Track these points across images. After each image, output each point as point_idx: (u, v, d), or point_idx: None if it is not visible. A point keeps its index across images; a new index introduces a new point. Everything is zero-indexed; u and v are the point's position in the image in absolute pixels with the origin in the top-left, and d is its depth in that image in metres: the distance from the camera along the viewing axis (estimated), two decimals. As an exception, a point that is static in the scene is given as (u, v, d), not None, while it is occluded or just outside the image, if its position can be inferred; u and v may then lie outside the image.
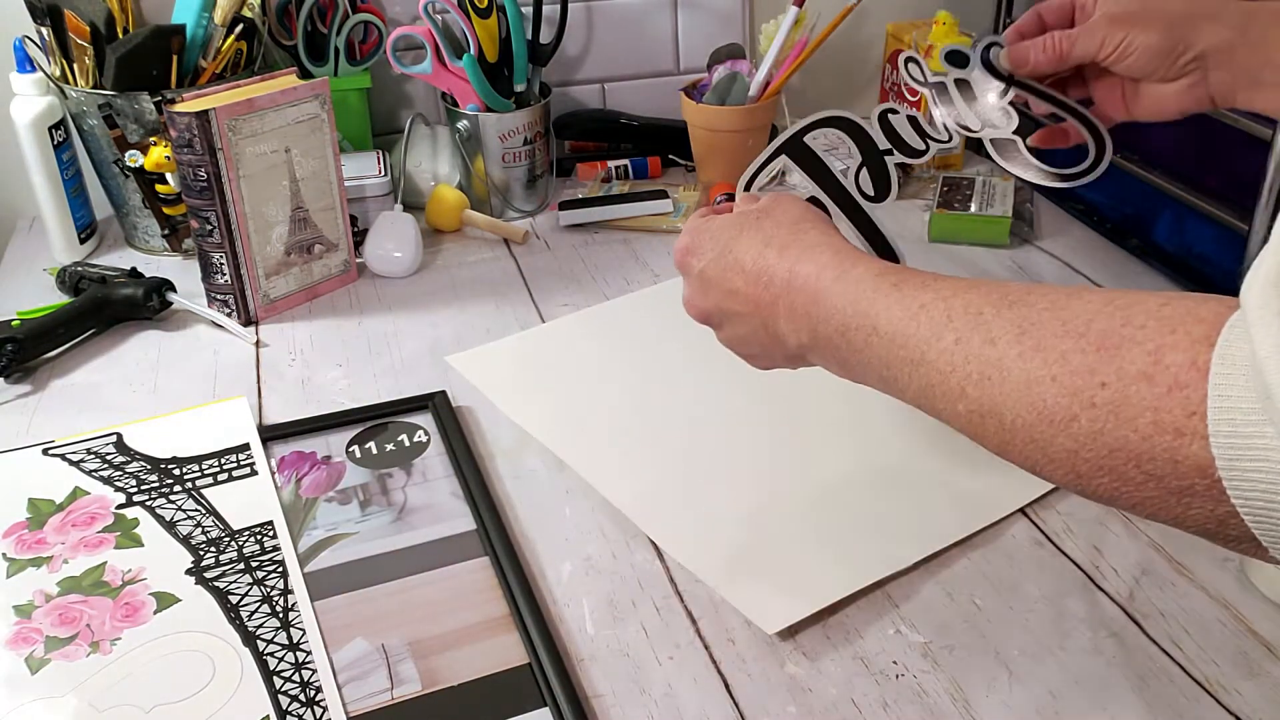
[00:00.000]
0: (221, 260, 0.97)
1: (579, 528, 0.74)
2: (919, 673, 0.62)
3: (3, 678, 0.62)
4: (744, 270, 0.60)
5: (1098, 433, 0.41)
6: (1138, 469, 0.40)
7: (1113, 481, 0.41)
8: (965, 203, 1.12)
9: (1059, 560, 0.70)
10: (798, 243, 0.58)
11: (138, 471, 0.78)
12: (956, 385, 0.47)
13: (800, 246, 0.58)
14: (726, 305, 0.61)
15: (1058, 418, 0.42)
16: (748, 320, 0.60)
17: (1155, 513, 0.41)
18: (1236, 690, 0.60)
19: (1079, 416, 0.41)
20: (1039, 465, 0.44)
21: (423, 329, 0.99)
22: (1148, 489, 0.40)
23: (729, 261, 0.61)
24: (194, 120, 0.91)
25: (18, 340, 0.91)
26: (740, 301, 0.60)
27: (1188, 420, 0.38)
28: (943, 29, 1.19)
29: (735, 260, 0.60)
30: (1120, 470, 0.40)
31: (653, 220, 1.16)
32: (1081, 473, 0.42)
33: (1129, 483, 0.40)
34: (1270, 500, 0.36)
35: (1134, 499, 0.41)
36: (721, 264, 0.61)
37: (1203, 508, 0.39)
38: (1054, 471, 0.44)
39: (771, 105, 1.21)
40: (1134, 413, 0.39)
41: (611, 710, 0.60)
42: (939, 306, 0.49)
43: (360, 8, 1.20)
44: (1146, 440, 0.39)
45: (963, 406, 0.47)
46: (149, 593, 0.68)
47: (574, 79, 1.32)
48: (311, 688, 0.61)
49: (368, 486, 0.78)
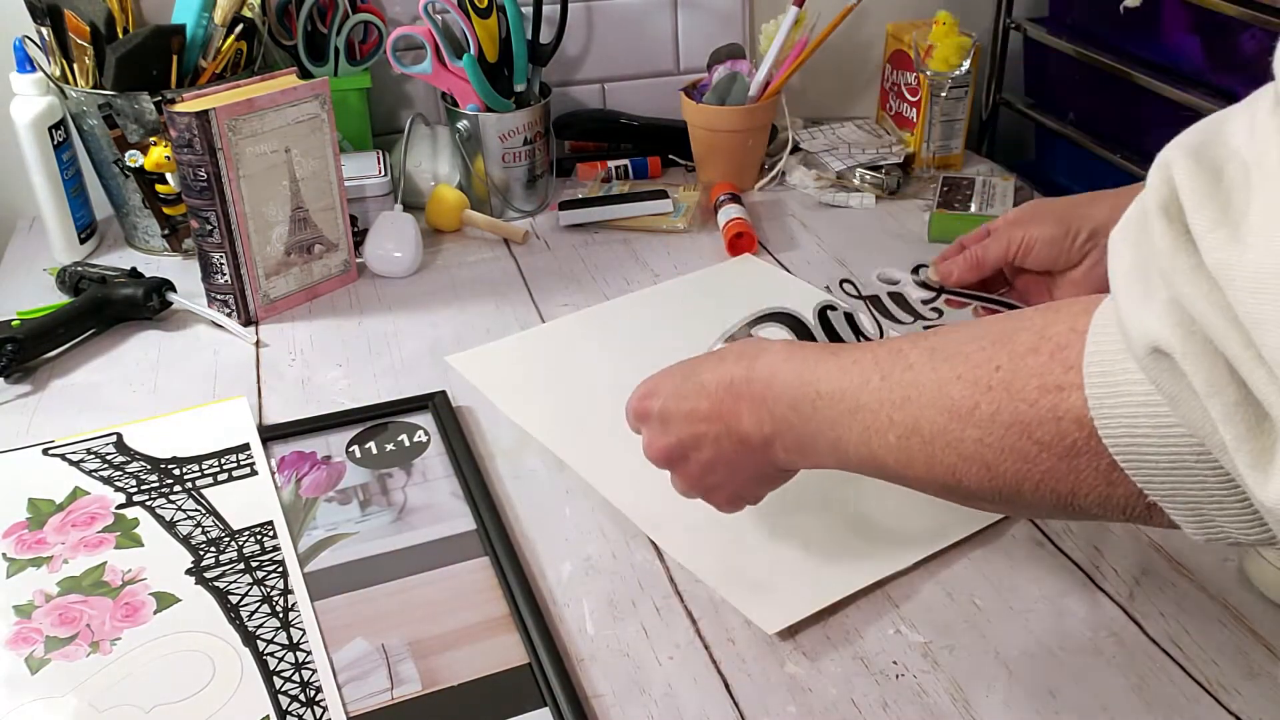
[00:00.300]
0: (221, 260, 0.97)
1: (579, 528, 0.74)
2: (919, 672, 0.62)
3: (3, 678, 0.62)
4: (706, 389, 0.60)
5: (995, 412, 0.44)
6: (1031, 440, 0.43)
7: (1015, 462, 0.44)
8: (965, 203, 1.12)
9: (1059, 560, 0.70)
10: (757, 348, 0.60)
11: (138, 471, 0.78)
12: (885, 416, 0.50)
13: (759, 349, 0.59)
14: (689, 431, 0.61)
15: (963, 409, 0.46)
16: (712, 438, 0.60)
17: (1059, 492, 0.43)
18: (1236, 690, 0.60)
19: (980, 403, 0.45)
20: (959, 471, 0.47)
21: (423, 329, 0.99)
22: (1043, 462, 0.43)
23: (690, 387, 0.61)
24: (194, 120, 0.91)
25: (18, 340, 0.91)
26: (703, 419, 0.60)
27: (1066, 375, 0.41)
28: (942, 29, 1.19)
29: (697, 384, 0.61)
30: (1018, 447, 0.44)
31: (653, 220, 1.16)
32: (990, 462, 0.45)
33: (1028, 459, 0.43)
34: (1134, 433, 0.38)
35: (1036, 478, 0.44)
36: (681, 392, 0.61)
37: (1090, 466, 0.41)
38: (970, 473, 0.46)
39: (771, 105, 1.21)
40: (1023, 383, 0.43)
41: (611, 710, 0.60)
42: (867, 357, 0.52)
43: (360, 8, 1.20)
44: (1033, 406, 0.42)
45: (893, 436, 0.50)
46: (149, 593, 0.68)
47: (574, 79, 1.32)
48: (311, 688, 0.61)
49: (368, 486, 0.78)
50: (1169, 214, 0.34)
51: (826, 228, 1.15)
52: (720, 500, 0.64)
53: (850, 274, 1.05)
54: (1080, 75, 1.25)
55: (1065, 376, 0.41)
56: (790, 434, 0.56)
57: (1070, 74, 1.27)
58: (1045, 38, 1.28)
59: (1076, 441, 0.41)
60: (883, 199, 1.21)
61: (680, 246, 1.12)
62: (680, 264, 1.09)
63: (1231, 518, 0.38)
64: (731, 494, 0.64)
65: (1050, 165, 1.38)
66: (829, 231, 1.14)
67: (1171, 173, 0.34)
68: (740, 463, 0.60)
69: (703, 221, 1.17)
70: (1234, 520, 0.38)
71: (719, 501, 0.65)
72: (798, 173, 1.24)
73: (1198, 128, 0.35)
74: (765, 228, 1.15)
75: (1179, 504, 0.39)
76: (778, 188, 1.25)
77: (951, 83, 1.20)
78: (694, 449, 0.61)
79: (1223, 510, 0.38)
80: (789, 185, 1.25)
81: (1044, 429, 0.42)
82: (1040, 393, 0.42)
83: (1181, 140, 0.35)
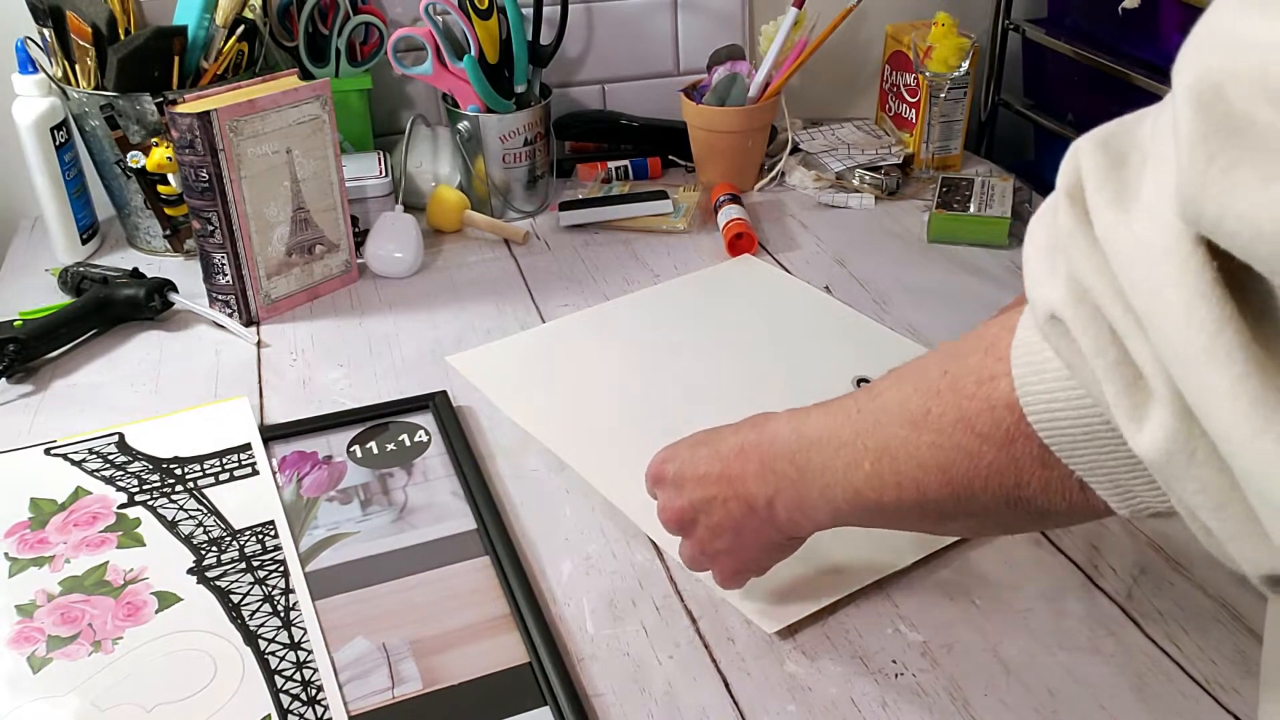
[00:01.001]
0: (223, 261, 0.97)
1: (579, 527, 0.74)
2: (918, 672, 0.62)
3: (5, 677, 0.62)
4: (719, 454, 0.61)
5: (944, 413, 0.46)
6: (974, 433, 0.45)
7: (964, 460, 0.46)
8: (964, 203, 1.13)
9: (1057, 559, 0.70)
10: (768, 415, 0.61)
11: (139, 471, 0.79)
12: (861, 446, 0.52)
13: (770, 416, 0.60)
14: (700, 494, 0.61)
15: (919, 417, 0.48)
16: (720, 501, 0.60)
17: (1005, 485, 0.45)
18: (1235, 689, 0.60)
19: (931, 408, 0.47)
20: (922, 484, 0.49)
21: (423, 329, 0.99)
22: (986, 454, 0.45)
23: (705, 453, 0.62)
24: (195, 121, 0.91)
25: (20, 340, 0.91)
26: (714, 482, 0.61)
27: (997, 365, 0.43)
28: (941, 30, 1.19)
29: (713, 450, 0.62)
30: (965, 444, 0.46)
31: (653, 221, 1.16)
32: (945, 464, 0.47)
33: (973, 455, 0.45)
34: (1053, 408, 0.40)
35: (984, 473, 0.45)
36: (696, 457, 0.62)
37: (1025, 453, 0.43)
38: (931, 483, 0.48)
39: (771, 106, 1.21)
40: (964, 381, 0.45)
41: (611, 709, 0.60)
42: (849, 399, 0.54)
43: (361, 9, 1.20)
44: (972, 399, 0.45)
45: (868, 464, 0.51)
46: (151, 592, 0.68)
47: (574, 80, 1.32)
48: (313, 687, 0.61)
49: (369, 486, 0.78)
50: (1073, 197, 0.36)
51: (826, 228, 1.15)
52: (726, 569, 0.64)
53: (851, 274, 1.06)
54: (1079, 76, 1.25)
55: (997, 367, 0.43)
56: (790, 490, 0.57)
57: (1069, 75, 1.28)
58: (1044, 39, 1.28)
59: (1010, 428, 0.43)
60: (882, 199, 1.21)
61: (680, 247, 1.12)
62: (680, 264, 1.09)
63: (1144, 484, 0.40)
64: (738, 563, 0.63)
65: (1049, 166, 1.38)
66: (828, 232, 1.15)
67: (1079, 159, 0.36)
68: (746, 526, 0.60)
69: (703, 222, 1.17)
70: (1147, 487, 0.40)
71: (724, 570, 0.64)
72: (797, 173, 1.25)
73: (1113, 122, 0.37)
74: (765, 228, 1.16)
75: (1100, 477, 0.41)
76: (777, 188, 1.25)
77: (950, 84, 1.21)
78: (704, 512, 0.61)
79: (1135, 477, 0.40)
80: (789, 186, 1.25)
81: (982, 420, 0.45)
82: (977, 385, 0.45)
83: (1094, 132, 0.37)
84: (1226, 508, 0.31)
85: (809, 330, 0.97)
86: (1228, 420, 0.28)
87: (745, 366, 0.91)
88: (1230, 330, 0.28)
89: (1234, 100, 0.27)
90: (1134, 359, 0.33)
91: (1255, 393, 0.27)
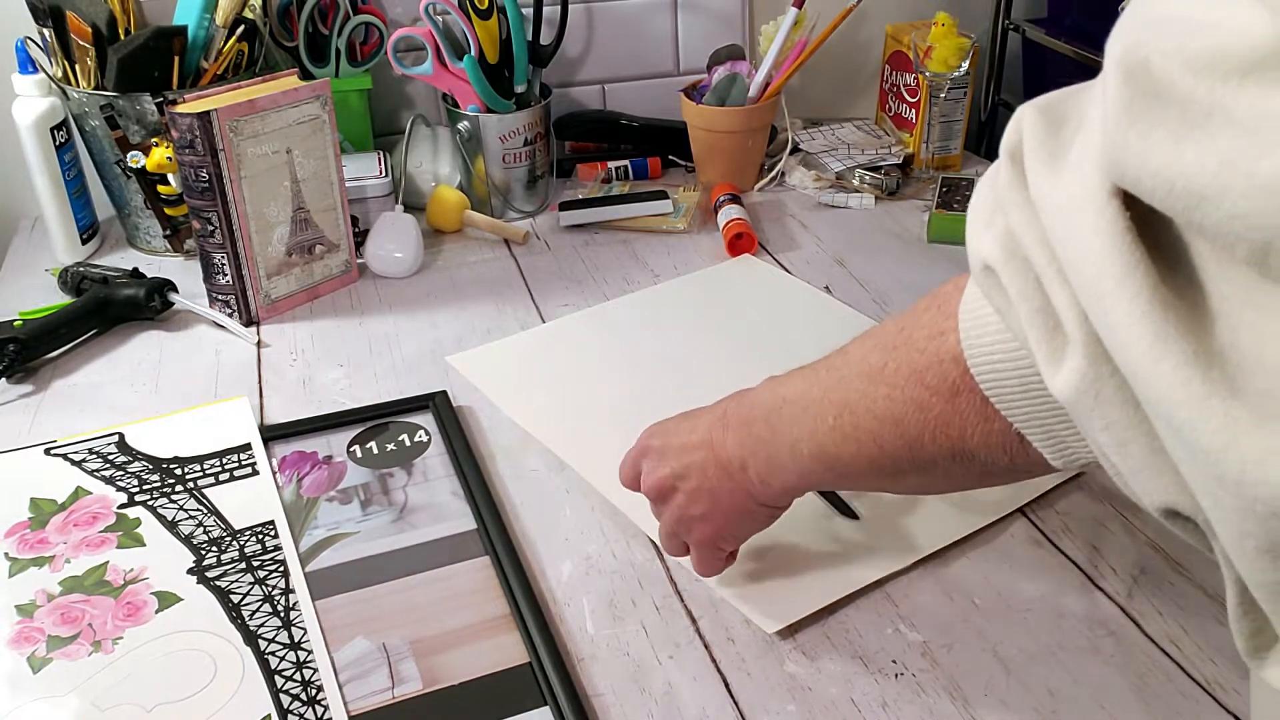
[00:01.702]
0: (223, 261, 0.97)
1: (579, 527, 0.74)
2: (918, 671, 0.62)
3: (5, 677, 0.62)
4: (700, 422, 0.63)
5: (899, 367, 0.49)
6: (924, 386, 0.47)
7: (916, 412, 0.48)
8: (964, 203, 1.13)
9: (1057, 559, 0.70)
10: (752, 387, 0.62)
11: (139, 471, 0.79)
12: (827, 402, 0.54)
13: (751, 387, 0.62)
14: (681, 462, 0.62)
15: (875, 370, 0.50)
16: (699, 464, 0.61)
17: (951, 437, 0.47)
18: (1235, 689, 0.60)
19: (887, 362, 0.50)
20: (880, 437, 0.51)
21: (423, 329, 0.99)
22: (934, 406, 0.47)
23: (687, 425, 0.64)
24: (195, 121, 0.91)
25: (20, 340, 0.91)
26: (694, 448, 0.62)
27: (946, 321, 0.46)
28: (941, 30, 1.19)
29: (695, 420, 0.63)
30: (916, 397, 0.48)
31: (653, 221, 1.16)
32: (899, 417, 0.49)
33: (924, 407, 0.48)
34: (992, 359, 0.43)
35: (933, 425, 0.48)
36: (679, 428, 0.64)
37: (969, 405, 0.46)
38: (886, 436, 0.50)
39: (771, 106, 1.21)
40: (917, 337, 0.48)
41: (611, 709, 0.60)
42: (822, 360, 0.56)
43: (361, 9, 1.20)
44: (923, 353, 0.47)
45: (831, 417, 0.53)
46: (151, 592, 0.68)
47: (574, 80, 1.32)
48: (313, 687, 0.61)
49: (369, 486, 0.78)
50: (1014, 157, 0.38)
51: (826, 228, 1.15)
52: (702, 538, 0.64)
53: (851, 274, 1.06)
54: (1079, 76, 1.25)
55: (946, 323, 0.46)
56: (763, 450, 0.58)
57: (1069, 75, 1.27)
58: (1044, 39, 1.28)
59: (955, 381, 0.46)
60: (882, 200, 1.21)
61: (680, 247, 1.12)
62: (680, 264, 1.09)
63: (1073, 433, 0.42)
64: (714, 530, 0.63)
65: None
66: (828, 232, 1.15)
67: (1022, 123, 0.38)
68: (721, 489, 0.61)
69: (703, 222, 1.17)
70: (1075, 436, 0.42)
71: (700, 540, 0.64)
72: (797, 173, 1.25)
73: (1059, 90, 0.39)
74: (765, 228, 1.16)
75: (1035, 428, 0.44)
76: (777, 188, 1.25)
77: (950, 84, 1.21)
78: (683, 479, 0.62)
79: (1065, 426, 0.42)
80: (788, 186, 1.25)
81: (931, 373, 0.47)
82: (928, 340, 0.47)
83: (1038, 99, 0.39)
84: (1128, 445, 0.34)
85: (809, 330, 0.97)
86: (1134, 352, 0.30)
87: (745, 366, 0.91)
88: (1140, 272, 0.30)
89: (1156, 71, 0.29)
90: (1054, 306, 0.36)
91: (1157, 326, 0.29)
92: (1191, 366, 0.28)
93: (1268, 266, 0.27)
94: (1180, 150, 0.28)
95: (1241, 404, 0.27)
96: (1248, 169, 0.26)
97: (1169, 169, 0.28)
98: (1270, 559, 0.28)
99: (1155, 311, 0.29)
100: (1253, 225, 0.26)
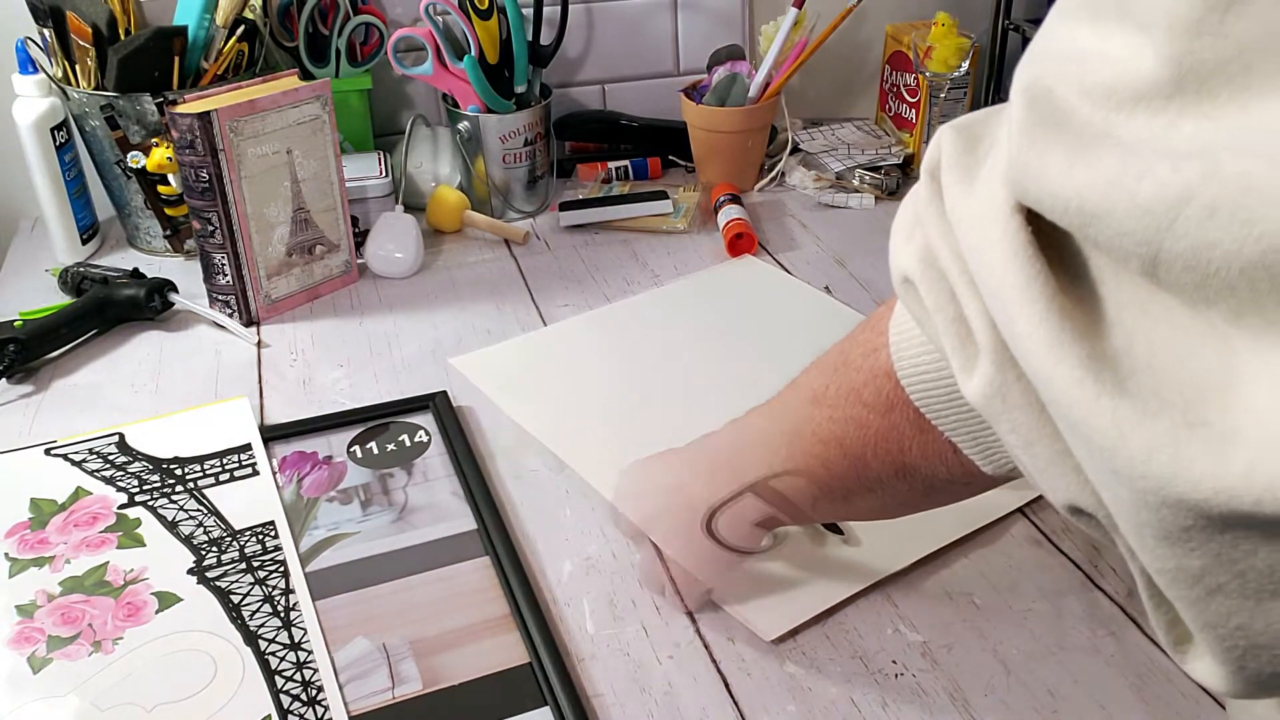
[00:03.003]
0: (223, 261, 0.97)
1: (579, 528, 0.74)
2: (918, 672, 0.62)
3: (5, 677, 0.62)
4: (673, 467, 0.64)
5: (839, 387, 0.51)
6: (861, 403, 0.49)
7: (856, 430, 0.50)
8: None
9: (1057, 559, 0.70)
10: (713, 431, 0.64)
11: (140, 471, 0.79)
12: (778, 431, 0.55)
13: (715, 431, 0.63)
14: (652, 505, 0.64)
15: (819, 393, 0.52)
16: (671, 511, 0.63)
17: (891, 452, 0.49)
18: (1234, 689, 0.60)
19: (829, 384, 0.52)
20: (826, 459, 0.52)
21: (423, 329, 0.99)
22: (873, 424, 0.49)
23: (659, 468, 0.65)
24: (196, 121, 0.91)
25: (20, 341, 0.91)
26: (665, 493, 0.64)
27: (879, 338, 0.48)
28: (941, 30, 1.19)
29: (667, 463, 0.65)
30: (855, 416, 0.50)
31: (653, 221, 1.16)
32: (841, 437, 0.51)
33: (863, 425, 0.50)
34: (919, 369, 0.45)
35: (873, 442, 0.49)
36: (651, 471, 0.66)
37: (904, 418, 0.48)
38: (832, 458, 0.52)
39: (771, 106, 1.21)
40: (854, 355, 0.50)
41: (611, 709, 0.60)
42: (778, 395, 0.58)
43: (361, 9, 1.20)
44: (859, 371, 0.49)
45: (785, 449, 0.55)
46: (151, 592, 0.68)
47: (574, 80, 1.32)
48: (313, 687, 0.61)
49: (369, 486, 0.78)
50: (933, 174, 0.40)
51: (826, 228, 1.15)
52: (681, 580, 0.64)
53: (851, 274, 1.06)
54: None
55: (879, 340, 0.48)
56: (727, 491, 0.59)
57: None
58: (1044, 39, 1.28)
59: (889, 395, 0.48)
60: (882, 200, 1.21)
61: (680, 247, 1.12)
62: (680, 265, 1.09)
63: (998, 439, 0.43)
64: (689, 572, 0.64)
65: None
66: (828, 232, 1.15)
67: (941, 142, 0.40)
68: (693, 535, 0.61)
69: (703, 222, 1.17)
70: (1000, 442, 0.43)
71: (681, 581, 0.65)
72: (797, 173, 1.25)
73: (978, 111, 0.40)
74: (765, 228, 1.16)
75: (964, 436, 0.46)
76: (777, 188, 1.25)
77: (950, 84, 1.21)
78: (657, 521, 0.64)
79: (991, 433, 0.43)
80: (788, 186, 1.25)
81: (868, 389, 0.49)
82: (863, 358, 0.49)
83: (958, 119, 0.41)
84: (1034, 445, 0.35)
85: (809, 331, 0.97)
86: (1035, 356, 0.32)
87: (745, 367, 0.91)
88: (1039, 282, 0.32)
89: (1058, 100, 0.31)
90: (966, 315, 0.37)
91: (1055, 332, 0.31)
92: (1085, 369, 0.30)
93: (1158, 278, 0.28)
94: (1074, 172, 0.29)
95: (1129, 403, 0.29)
96: (1130, 189, 0.28)
97: (1065, 189, 0.30)
98: (1168, 545, 0.30)
99: (1053, 318, 0.31)
100: (1139, 241, 0.28)
